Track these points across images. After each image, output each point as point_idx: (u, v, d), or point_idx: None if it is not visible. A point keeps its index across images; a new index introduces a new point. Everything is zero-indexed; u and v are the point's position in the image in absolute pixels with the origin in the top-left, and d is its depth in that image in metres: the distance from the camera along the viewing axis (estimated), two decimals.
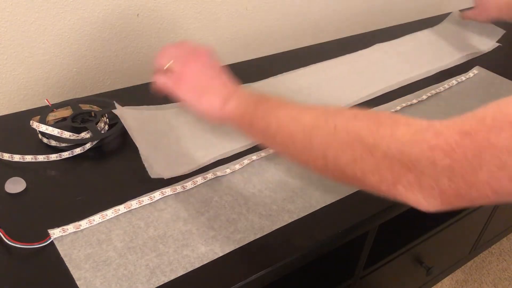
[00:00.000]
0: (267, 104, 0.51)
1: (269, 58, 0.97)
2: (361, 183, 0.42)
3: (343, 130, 0.42)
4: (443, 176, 0.36)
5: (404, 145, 0.38)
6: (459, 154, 0.35)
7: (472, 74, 0.96)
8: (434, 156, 0.36)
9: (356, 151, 0.41)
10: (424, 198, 0.39)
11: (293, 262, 0.54)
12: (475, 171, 0.35)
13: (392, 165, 0.39)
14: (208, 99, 0.55)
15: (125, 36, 0.88)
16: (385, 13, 1.33)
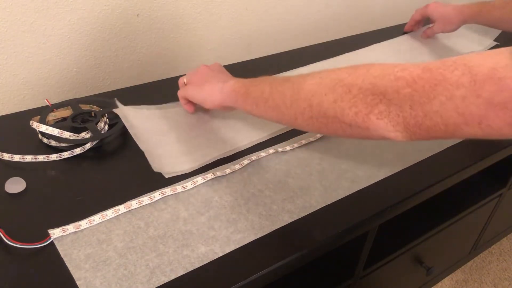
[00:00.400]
0: (263, 77, 0.58)
1: (269, 58, 0.97)
2: (340, 123, 0.47)
3: (327, 78, 0.49)
4: (405, 103, 0.42)
5: (376, 78, 0.44)
6: (419, 85, 0.41)
7: None
8: (398, 85, 0.42)
9: (337, 92, 0.47)
10: (392, 125, 0.44)
11: (293, 262, 0.54)
12: (430, 100, 0.41)
13: (365, 96, 0.45)
14: (209, 85, 0.64)
15: (125, 36, 0.88)
16: (385, 13, 1.33)
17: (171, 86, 0.83)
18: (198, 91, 0.65)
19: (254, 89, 0.57)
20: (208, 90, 0.64)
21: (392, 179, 0.66)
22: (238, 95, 0.59)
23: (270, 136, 0.72)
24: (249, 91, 0.57)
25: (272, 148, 0.69)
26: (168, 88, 0.83)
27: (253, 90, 0.57)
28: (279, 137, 0.72)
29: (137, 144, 0.65)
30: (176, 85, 0.81)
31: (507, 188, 1.07)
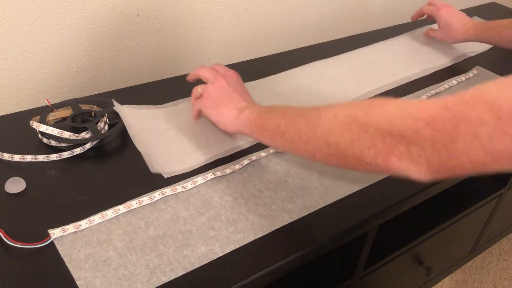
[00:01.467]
0: (277, 108, 0.58)
1: (269, 58, 0.97)
2: (360, 162, 0.46)
3: (341, 116, 0.47)
4: (427, 144, 0.41)
5: (393, 119, 0.43)
6: (439, 125, 0.40)
7: (472, 74, 0.96)
8: (417, 126, 0.41)
9: (353, 131, 0.46)
10: (415, 166, 0.42)
11: (293, 262, 0.54)
12: (453, 140, 0.39)
13: (384, 137, 0.43)
14: (226, 110, 0.63)
15: (125, 36, 0.88)
16: (385, 13, 1.33)
17: (171, 86, 0.83)
18: (213, 113, 0.65)
19: (269, 122, 0.56)
20: (224, 115, 0.63)
21: (392, 179, 0.66)
22: (254, 126, 0.59)
23: None
24: (265, 124, 0.57)
25: (272, 148, 0.69)
26: (168, 88, 0.83)
27: (269, 124, 0.56)
28: None
29: (135, 145, 0.65)
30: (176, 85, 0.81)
31: (507, 188, 1.07)
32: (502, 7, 1.41)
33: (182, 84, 0.84)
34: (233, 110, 0.63)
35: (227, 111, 0.63)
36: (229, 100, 0.64)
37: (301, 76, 0.90)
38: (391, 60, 0.99)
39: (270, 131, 0.56)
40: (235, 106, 0.63)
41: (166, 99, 0.78)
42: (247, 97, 0.67)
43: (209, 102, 0.66)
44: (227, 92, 0.65)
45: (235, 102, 0.64)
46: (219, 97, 0.65)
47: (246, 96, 0.66)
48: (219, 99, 0.65)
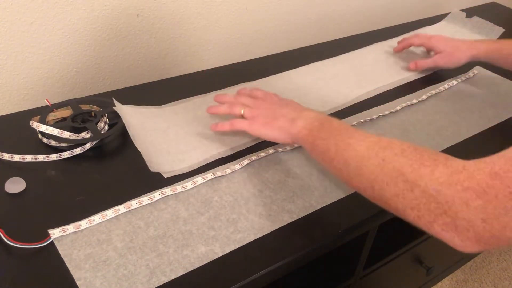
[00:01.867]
0: (329, 127, 0.56)
1: (269, 58, 0.97)
2: (403, 216, 0.45)
3: (389, 164, 0.45)
4: (476, 217, 0.38)
5: (441, 185, 0.40)
6: (490, 195, 0.37)
7: (472, 74, 0.96)
8: (467, 197, 0.38)
9: (398, 186, 0.44)
10: (460, 239, 0.40)
11: (293, 262, 0.54)
12: (507, 211, 0.36)
13: (429, 202, 0.41)
14: (278, 124, 0.61)
15: (125, 36, 0.88)
16: (385, 13, 1.33)
17: (171, 86, 0.83)
18: (267, 131, 0.62)
19: (320, 143, 0.55)
20: (278, 129, 0.61)
21: None
22: (306, 143, 0.58)
23: None
24: (316, 144, 0.55)
25: (272, 148, 0.69)
26: (168, 88, 0.83)
27: (319, 144, 0.55)
28: None
29: (135, 144, 0.65)
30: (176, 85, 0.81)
31: None
32: (502, 7, 1.41)
33: (182, 84, 0.85)
34: (284, 122, 0.61)
35: (279, 124, 0.61)
36: (279, 114, 0.62)
37: (301, 76, 0.90)
38: (391, 60, 0.99)
39: (320, 152, 0.55)
40: (287, 118, 0.61)
41: (166, 99, 0.78)
42: (296, 105, 0.64)
43: (258, 122, 0.63)
44: (274, 107, 0.64)
45: (286, 115, 0.61)
46: (268, 114, 0.63)
47: (295, 105, 0.64)
48: (268, 115, 0.63)
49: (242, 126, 0.64)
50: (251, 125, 0.63)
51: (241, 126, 0.64)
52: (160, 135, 0.69)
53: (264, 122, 0.62)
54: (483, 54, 0.87)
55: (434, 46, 0.93)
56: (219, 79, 0.73)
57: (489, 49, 0.86)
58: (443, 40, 0.93)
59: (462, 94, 0.89)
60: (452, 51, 0.90)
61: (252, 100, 0.66)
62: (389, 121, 0.78)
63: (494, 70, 0.97)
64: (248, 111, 0.64)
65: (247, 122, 0.63)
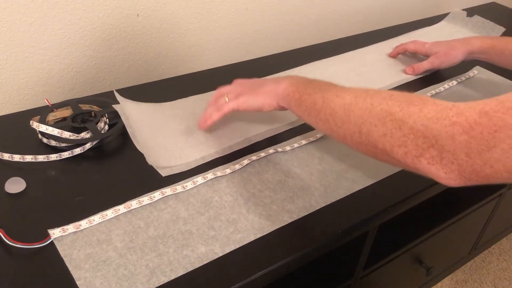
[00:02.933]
0: (315, 83, 0.57)
1: (269, 58, 0.97)
2: (389, 157, 0.46)
3: (378, 107, 0.47)
4: (461, 151, 0.40)
5: (429, 121, 0.42)
6: (476, 131, 0.38)
7: (472, 74, 0.96)
8: (453, 131, 0.40)
9: (387, 126, 0.45)
10: (444, 172, 0.42)
11: (293, 262, 0.54)
12: (490, 148, 0.38)
13: (416, 138, 0.43)
14: (263, 90, 0.62)
15: (125, 36, 0.88)
16: (385, 13, 1.33)
17: (171, 86, 0.84)
18: (254, 99, 0.63)
19: (307, 98, 0.56)
20: (263, 94, 0.62)
21: (392, 179, 0.66)
22: (292, 100, 0.58)
23: (268, 134, 0.72)
24: (302, 99, 0.56)
25: (272, 148, 0.69)
26: (168, 88, 0.83)
27: (306, 99, 0.56)
28: (279, 137, 0.72)
29: (132, 140, 0.65)
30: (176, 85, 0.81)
31: (507, 188, 1.07)
32: (502, 7, 1.41)
33: (182, 84, 0.85)
34: (270, 85, 0.61)
35: (265, 89, 0.62)
36: (264, 83, 0.63)
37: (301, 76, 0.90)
38: (390, 60, 0.99)
39: (306, 107, 0.55)
40: (272, 82, 0.62)
41: (166, 99, 0.78)
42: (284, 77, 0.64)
43: (245, 96, 0.63)
44: (257, 80, 0.65)
45: (272, 81, 0.62)
46: (252, 86, 0.64)
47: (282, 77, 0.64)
48: (253, 87, 0.64)
49: (229, 106, 0.63)
50: (237, 100, 0.63)
51: (228, 107, 0.63)
52: (159, 130, 0.69)
53: (249, 94, 0.63)
54: (477, 49, 0.87)
55: (428, 51, 0.93)
56: (219, 79, 0.73)
57: (483, 45, 0.86)
58: (437, 43, 0.93)
59: (462, 94, 0.89)
60: (447, 50, 0.90)
61: (234, 86, 0.67)
62: None
63: (494, 70, 0.97)
64: (232, 95, 0.65)
65: (233, 101, 0.63)
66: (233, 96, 0.64)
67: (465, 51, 0.88)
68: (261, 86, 0.63)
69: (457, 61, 0.90)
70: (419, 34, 1.11)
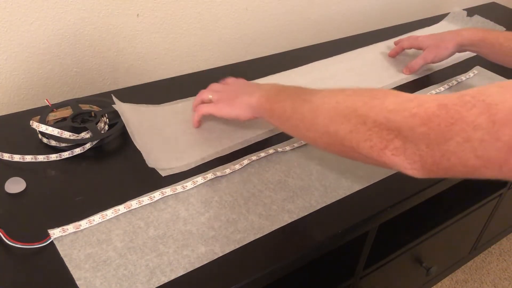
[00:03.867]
0: (285, 92, 0.58)
1: (269, 58, 0.97)
2: (357, 153, 0.46)
3: (343, 104, 0.47)
4: (421, 142, 0.40)
5: (390, 113, 0.42)
6: (434, 123, 0.39)
7: (472, 74, 0.96)
8: (413, 122, 0.40)
9: (351, 122, 0.46)
10: (408, 163, 0.42)
11: (293, 262, 0.54)
12: (446, 140, 0.38)
13: (380, 131, 0.43)
14: (239, 101, 0.63)
15: (125, 36, 0.88)
16: (385, 13, 1.33)
17: (171, 86, 0.84)
18: (230, 110, 0.64)
19: (277, 106, 0.56)
20: (239, 105, 0.63)
21: (392, 179, 0.66)
22: (264, 111, 0.59)
23: (267, 135, 0.72)
24: (273, 108, 0.57)
25: (272, 148, 0.69)
26: (168, 88, 0.83)
27: (277, 107, 0.56)
28: (279, 137, 0.72)
29: (132, 141, 0.65)
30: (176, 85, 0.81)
31: (507, 188, 1.07)
32: (502, 7, 1.41)
33: (182, 84, 0.85)
34: (244, 97, 0.62)
35: (240, 100, 0.63)
36: (240, 92, 0.64)
37: (300, 76, 0.90)
38: (390, 60, 0.99)
39: (278, 116, 0.56)
40: (246, 93, 0.63)
41: (166, 99, 0.78)
42: (258, 83, 0.66)
43: (222, 103, 0.65)
44: (237, 88, 0.66)
45: (247, 92, 0.63)
46: (230, 94, 0.65)
47: (258, 84, 0.66)
48: (230, 95, 0.65)
49: (207, 109, 0.66)
50: (215, 106, 0.66)
51: (206, 110, 0.66)
52: (159, 132, 0.69)
53: (227, 103, 0.65)
54: (467, 42, 0.86)
55: (421, 44, 0.93)
56: (219, 79, 0.73)
57: (473, 37, 0.85)
58: (429, 36, 0.93)
59: None
60: (438, 43, 0.90)
61: (221, 85, 0.69)
62: None
63: (494, 70, 0.97)
64: (215, 95, 0.67)
65: (212, 105, 0.66)
66: (215, 97, 0.66)
67: (455, 43, 0.87)
68: (236, 97, 0.64)
69: (448, 53, 0.89)
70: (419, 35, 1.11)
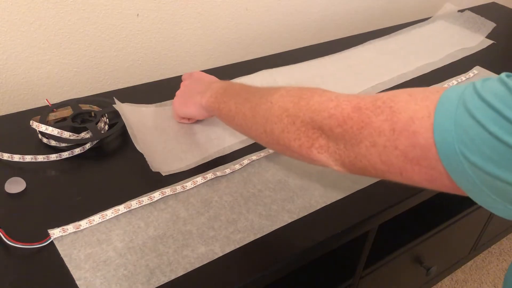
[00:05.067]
0: (231, 90, 0.59)
1: (269, 58, 0.97)
2: (290, 151, 0.48)
3: (276, 105, 0.48)
4: (340, 142, 0.42)
5: (314, 113, 0.44)
6: (348, 125, 0.40)
7: (472, 74, 0.96)
8: (331, 123, 0.42)
9: (283, 122, 0.47)
10: (332, 160, 0.44)
11: (293, 262, 0.54)
12: (358, 143, 0.40)
13: (307, 130, 0.45)
14: (191, 101, 0.66)
15: (125, 36, 0.88)
16: (385, 13, 1.33)
17: (170, 86, 0.83)
18: (185, 109, 0.67)
19: (223, 106, 0.58)
20: (193, 105, 0.66)
21: None
22: (214, 110, 0.61)
23: None
24: (220, 108, 0.59)
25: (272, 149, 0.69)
26: (168, 88, 0.83)
27: (223, 107, 0.58)
28: None
29: (134, 143, 0.65)
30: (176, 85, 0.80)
31: None
32: (502, 7, 1.41)
33: None
34: (196, 97, 0.64)
35: (193, 101, 0.65)
36: (193, 92, 0.66)
37: (299, 73, 0.90)
38: (387, 57, 1.00)
39: (225, 115, 0.58)
40: (198, 92, 0.65)
41: (166, 99, 0.78)
42: (210, 78, 0.69)
43: (178, 103, 0.69)
44: (189, 88, 0.68)
45: (198, 91, 0.65)
46: (184, 95, 0.68)
47: (209, 78, 0.69)
48: (184, 96, 0.68)
49: (174, 113, 0.71)
50: (174, 104, 0.70)
51: (174, 113, 0.71)
52: (160, 133, 0.69)
53: (183, 102, 0.68)
54: None
55: None
56: (219, 79, 0.73)
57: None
58: None
59: None
60: None
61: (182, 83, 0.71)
62: None
63: (494, 70, 0.97)
64: (177, 92, 0.70)
65: (173, 103, 0.70)
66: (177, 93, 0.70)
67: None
68: (190, 96, 0.66)
69: None
70: (412, 33, 1.12)
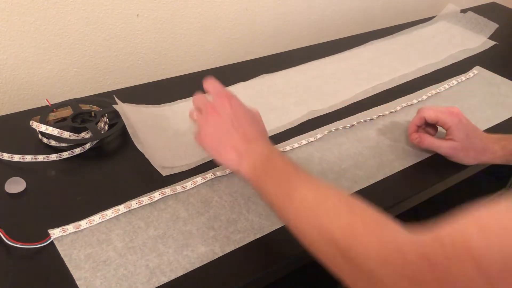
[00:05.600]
0: (273, 170, 0.51)
1: (269, 58, 0.97)
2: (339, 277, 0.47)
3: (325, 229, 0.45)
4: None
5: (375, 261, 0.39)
6: (420, 280, 0.34)
7: (472, 74, 0.96)
8: (395, 281, 0.36)
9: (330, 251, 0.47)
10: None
11: (293, 262, 0.54)
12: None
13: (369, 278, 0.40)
14: (226, 153, 0.54)
15: (125, 36, 0.88)
16: (385, 13, 1.33)
17: (171, 86, 0.83)
18: (215, 153, 0.56)
19: (262, 186, 0.51)
20: (225, 158, 0.55)
21: (391, 180, 0.66)
22: (250, 181, 0.53)
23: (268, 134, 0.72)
24: (259, 186, 0.51)
25: None
26: (167, 88, 0.83)
27: (262, 187, 0.51)
28: (279, 137, 0.72)
29: (134, 143, 0.65)
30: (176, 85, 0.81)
31: (507, 188, 1.07)
32: (502, 7, 1.41)
33: (182, 84, 0.85)
34: (232, 153, 0.54)
35: (227, 154, 0.54)
36: (227, 143, 0.55)
37: (300, 74, 0.90)
38: (388, 58, 1.00)
39: (261, 194, 0.52)
40: (234, 147, 0.54)
41: (166, 99, 0.78)
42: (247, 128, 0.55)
43: (206, 140, 0.56)
44: (223, 129, 0.55)
45: (234, 145, 0.54)
46: (217, 136, 0.55)
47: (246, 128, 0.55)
48: (215, 137, 0.55)
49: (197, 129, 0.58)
50: (199, 139, 0.57)
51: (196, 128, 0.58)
52: (160, 133, 0.69)
53: (212, 146, 0.56)
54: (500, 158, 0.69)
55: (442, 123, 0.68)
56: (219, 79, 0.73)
57: (506, 149, 0.68)
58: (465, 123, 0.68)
59: (462, 94, 0.89)
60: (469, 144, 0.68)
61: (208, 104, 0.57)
62: (389, 121, 0.78)
63: (494, 70, 0.97)
64: (199, 118, 0.57)
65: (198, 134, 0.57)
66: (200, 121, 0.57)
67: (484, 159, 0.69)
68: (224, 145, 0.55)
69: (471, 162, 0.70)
70: (414, 34, 1.12)
